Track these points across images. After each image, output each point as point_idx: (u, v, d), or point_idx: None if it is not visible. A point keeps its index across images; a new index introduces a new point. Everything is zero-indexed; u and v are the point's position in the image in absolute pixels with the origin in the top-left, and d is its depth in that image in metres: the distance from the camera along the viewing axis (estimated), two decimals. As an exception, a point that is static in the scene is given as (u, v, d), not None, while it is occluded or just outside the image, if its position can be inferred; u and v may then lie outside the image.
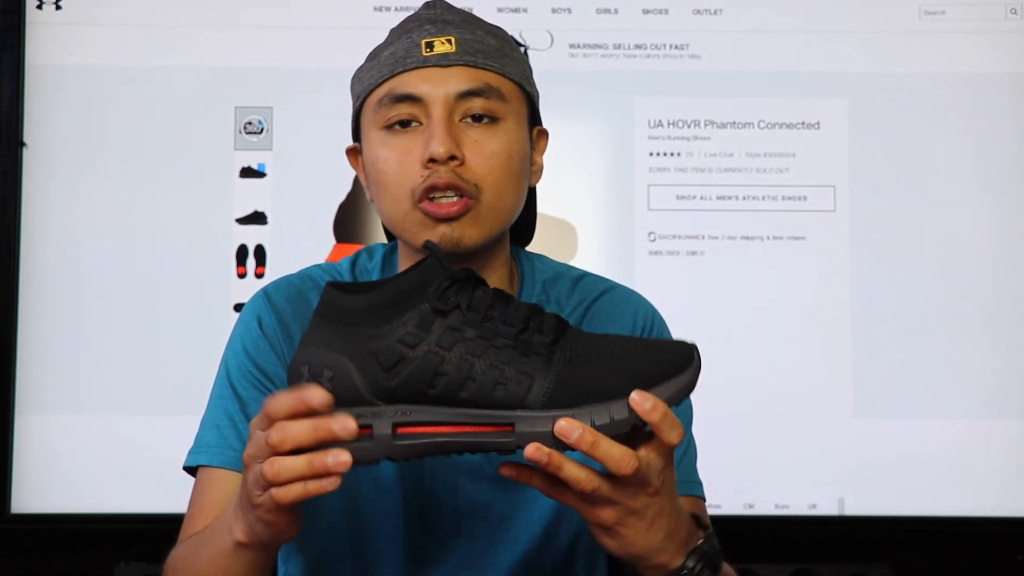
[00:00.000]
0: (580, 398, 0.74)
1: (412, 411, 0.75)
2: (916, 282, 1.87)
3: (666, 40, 1.91)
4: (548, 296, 1.09)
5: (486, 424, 0.75)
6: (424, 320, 0.75)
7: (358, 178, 1.09)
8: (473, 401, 0.75)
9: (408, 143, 0.98)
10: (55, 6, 1.87)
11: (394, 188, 0.99)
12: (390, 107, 0.99)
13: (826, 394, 1.86)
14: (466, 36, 1.00)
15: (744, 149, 1.90)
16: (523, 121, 1.04)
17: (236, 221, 1.87)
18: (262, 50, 1.88)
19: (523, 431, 0.74)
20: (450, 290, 0.76)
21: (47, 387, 1.82)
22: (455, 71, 0.99)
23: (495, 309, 0.77)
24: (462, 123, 0.99)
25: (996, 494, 1.85)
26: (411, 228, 0.99)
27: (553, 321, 0.78)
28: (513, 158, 1.00)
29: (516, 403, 0.74)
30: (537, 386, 0.74)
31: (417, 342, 0.75)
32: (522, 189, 1.04)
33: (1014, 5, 1.90)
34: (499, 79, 1.01)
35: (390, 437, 0.75)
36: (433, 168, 0.97)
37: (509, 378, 0.74)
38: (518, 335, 0.76)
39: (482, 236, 0.99)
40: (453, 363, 0.74)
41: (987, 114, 1.89)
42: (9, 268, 1.83)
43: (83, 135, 1.86)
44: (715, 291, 1.87)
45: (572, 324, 1.03)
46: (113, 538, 1.82)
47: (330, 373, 0.75)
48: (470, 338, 0.75)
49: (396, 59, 1.00)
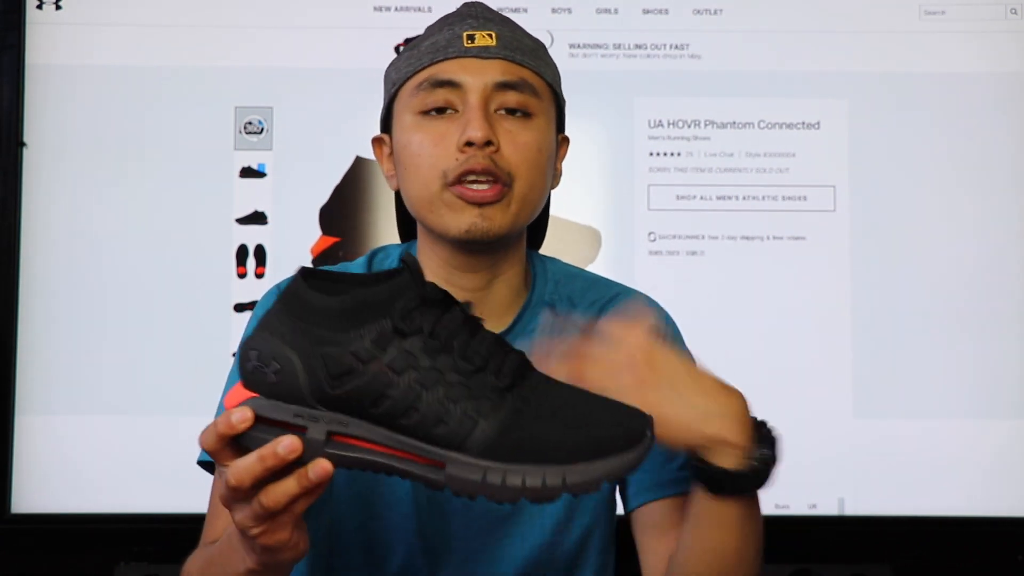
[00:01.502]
0: (518, 454, 0.72)
1: (351, 423, 0.74)
2: (916, 282, 1.87)
3: (666, 40, 1.91)
4: (560, 294, 1.10)
5: (420, 455, 0.73)
6: (382, 337, 0.73)
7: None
8: (412, 430, 0.73)
9: (444, 128, 1.00)
10: (55, 6, 1.87)
11: (426, 170, 1.00)
12: (429, 92, 1.01)
13: (826, 394, 1.86)
14: (506, 33, 1.03)
15: (744, 149, 1.90)
16: (552, 122, 1.07)
17: (236, 221, 1.87)
18: (262, 50, 1.88)
19: (452, 473, 0.73)
20: (416, 311, 0.74)
21: (47, 387, 1.82)
22: (495, 63, 1.01)
23: (457, 339, 0.75)
24: (497, 114, 1.01)
25: (996, 494, 1.85)
26: (439, 210, 1.00)
27: (515, 363, 0.76)
28: (543, 152, 1.03)
29: (454, 444, 0.72)
30: (479, 432, 0.72)
31: (370, 358, 0.73)
32: (547, 186, 1.06)
33: (1014, 5, 1.90)
34: (535, 77, 1.04)
35: (321, 443, 0.73)
36: (469, 152, 0.98)
37: (453, 418, 0.72)
38: (473, 373, 0.74)
39: (510, 225, 1.01)
40: (401, 388, 0.73)
41: (987, 114, 1.89)
42: (9, 268, 1.82)
43: (83, 135, 1.86)
44: (715, 291, 1.87)
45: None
46: (113, 538, 1.82)
47: (277, 366, 0.74)
48: (423, 367, 0.73)
49: (437, 48, 1.02)
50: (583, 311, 1.09)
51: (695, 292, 1.86)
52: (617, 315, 0.81)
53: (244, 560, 0.83)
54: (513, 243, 1.06)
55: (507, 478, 0.72)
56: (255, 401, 0.75)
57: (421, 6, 1.89)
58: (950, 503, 1.85)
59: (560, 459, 0.72)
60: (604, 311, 1.09)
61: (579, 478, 0.72)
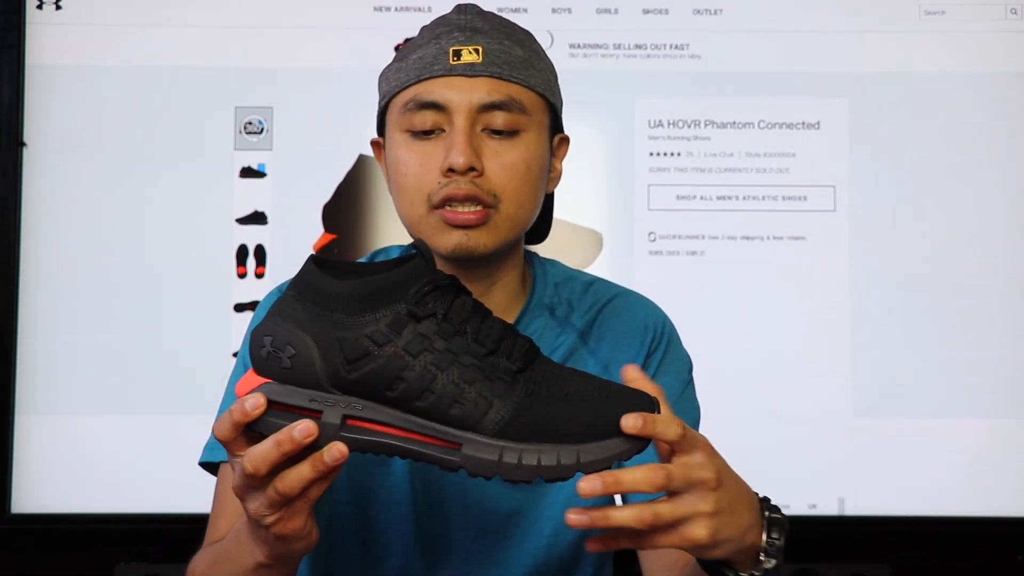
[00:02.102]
0: (533, 434, 0.73)
1: (365, 407, 0.74)
2: (916, 282, 1.87)
3: (666, 40, 1.91)
4: (560, 296, 1.10)
5: (435, 437, 0.74)
6: (397, 321, 0.74)
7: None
8: (427, 412, 0.74)
9: (429, 149, 1.00)
10: (55, 6, 1.87)
11: (412, 191, 1.00)
12: (414, 112, 1.00)
13: (826, 394, 1.86)
14: (493, 46, 1.02)
15: (744, 149, 1.90)
16: (544, 131, 1.05)
17: (236, 221, 1.87)
18: (262, 50, 1.88)
19: (469, 454, 0.73)
20: (430, 296, 0.75)
21: (47, 387, 1.83)
22: (480, 81, 1.00)
23: (470, 323, 0.76)
24: (483, 133, 1.00)
25: (996, 494, 1.85)
26: (426, 232, 1.00)
27: (525, 347, 0.77)
28: (532, 169, 1.02)
29: (469, 425, 0.73)
30: (493, 412, 0.73)
31: (385, 341, 0.74)
32: (539, 199, 1.05)
33: (1014, 5, 1.90)
34: (523, 91, 1.02)
35: (337, 427, 0.74)
36: (452, 178, 0.98)
37: (468, 399, 0.73)
38: (487, 355, 0.75)
39: (496, 244, 1.01)
40: (416, 371, 0.74)
41: (987, 114, 1.89)
42: (9, 268, 1.83)
43: (83, 135, 1.86)
44: (715, 291, 1.87)
45: (583, 326, 1.03)
46: (113, 538, 1.82)
47: (292, 351, 0.74)
48: (438, 349, 0.74)
49: (423, 64, 1.01)
50: (580, 315, 1.09)
51: (695, 292, 1.86)
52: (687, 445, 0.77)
53: (253, 554, 0.83)
54: (509, 252, 1.06)
55: (523, 457, 0.73)
56: (268, 387, 0.75)
57: (421, 6, 1.89)
58: (950, 503, 1.85)
59: (574, 438, 0.73)
60: (601, 313, 1.09)
61: (592, 456, 0.73)
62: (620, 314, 1.10)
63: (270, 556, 0.82)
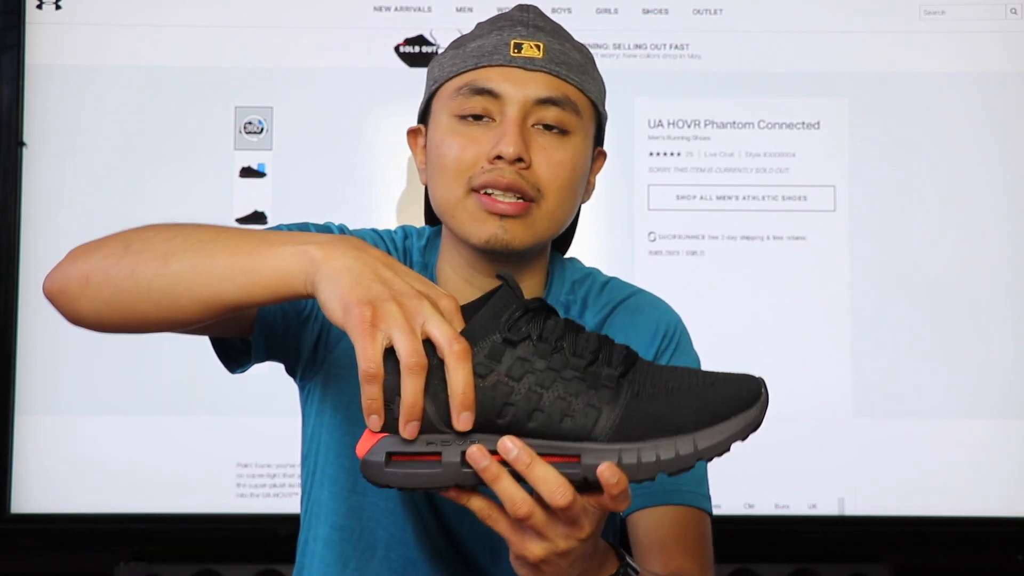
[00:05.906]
0: (646, 432, 0.74)
1: (481, 440, 0.75)
2: (916, 282, 1.87)
3: (666, 40, 1.91)
4: (576, 295, 1.10)
5: (553, 455, 0.75)
6: (495, 351, 0.75)
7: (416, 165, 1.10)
8: (540, 432, 0.75)
9: (477, 134, 1.00)
10: (55, 6, 1.87)
11: (451, 173, 1.00)
12: (468, 97, 1.00)
13: (826, 394, 1.86)
14: (555, 46, 1.03)
15: (744, 149, 1.90)
16: (590, 140, 1.06)
17: (236, 221, 1.87)
18: (262, 50, 1.88)
19: (589, 463, 0.74)
20: (521, 320, 0.76)
21: (47, 387, 1.82)
22: (538, 76, 1.01)
23: (565, 340, 0.77)
24: (534, 128, 1.00)
25: (996, 494, 1.85)
26: (460, 216, 1.00)
27: (623, 353, 0.78)
28: (576, 171, 1.03)
29: (583, 435, 0.75)
30: (604, 419, 0.75)
31: (487, 372, 0.75)
32: (577, 203, 1.06)
33: (1014, 5, 1.90)
34: (578, 94, 1.03)
35: (459, 465, 0.75)
36: (497, 165, 0.98)
37: (577, 410, 0.75)
38: (587, 367, 0.76)
39: (532, 240, 1.00)
40: (522, 394, 0.75)
41: (987, 114, 1.89)
42: (9, 268, 1.83)
43: (83, 135, 1.86)
44: (715, 291, 1.87)
45: (595, 324, 1.04)
46: (113, 538, 1.82)
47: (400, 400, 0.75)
48: (540, 369, 0.75)
49: (482, 52, 1.01)
50: (594, 313, 1.09)
51: (695, 292, 1.86)
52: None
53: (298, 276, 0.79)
54: (537, 253, 1.06)
55: (642, 455, 0.74)
56: (385, 441, 0.76)
57: (421, 6, 1.89)
58: (950, 503, 1.85)
59: (687, 428, 0.74)
60: (613, 313, 1.10)
61: (709, 442, 0.74)
62: (632, 313, 1.10)
63: (307, 285, 0.78)
